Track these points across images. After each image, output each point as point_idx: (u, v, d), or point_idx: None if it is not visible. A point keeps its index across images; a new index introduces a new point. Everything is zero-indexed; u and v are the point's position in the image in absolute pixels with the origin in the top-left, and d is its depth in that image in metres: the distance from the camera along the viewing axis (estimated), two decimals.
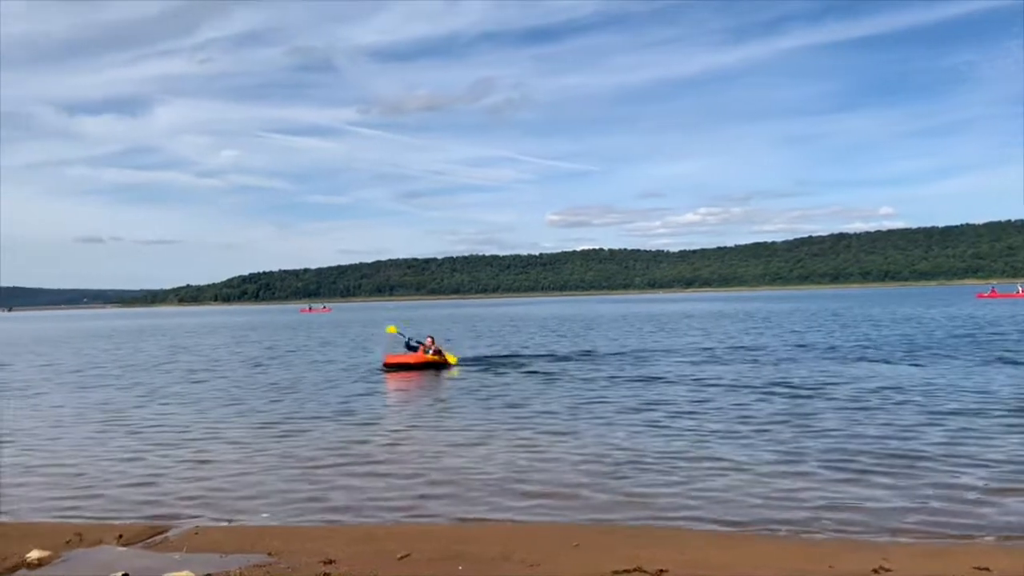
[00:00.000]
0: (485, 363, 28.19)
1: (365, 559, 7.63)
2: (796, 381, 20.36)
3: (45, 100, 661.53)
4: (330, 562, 7.49)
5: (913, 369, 22.57)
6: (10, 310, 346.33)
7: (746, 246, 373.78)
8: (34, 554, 7.75)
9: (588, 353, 31.33)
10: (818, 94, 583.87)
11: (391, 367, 25.93)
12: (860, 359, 25.84)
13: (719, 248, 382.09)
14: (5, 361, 36.97)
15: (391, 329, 29.86)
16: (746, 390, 18.98)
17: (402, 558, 7.65)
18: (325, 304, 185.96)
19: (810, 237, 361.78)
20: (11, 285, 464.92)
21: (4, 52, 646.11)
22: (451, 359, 26.99)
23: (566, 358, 29.39)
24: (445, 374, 24.99)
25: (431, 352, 26.24)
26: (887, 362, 24.66)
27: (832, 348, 30.44)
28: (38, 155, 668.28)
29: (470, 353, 32.07)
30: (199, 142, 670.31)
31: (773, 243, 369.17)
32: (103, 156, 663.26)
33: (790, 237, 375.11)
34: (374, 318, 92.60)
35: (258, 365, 30.65)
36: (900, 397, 17.19)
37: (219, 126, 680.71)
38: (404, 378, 24.12)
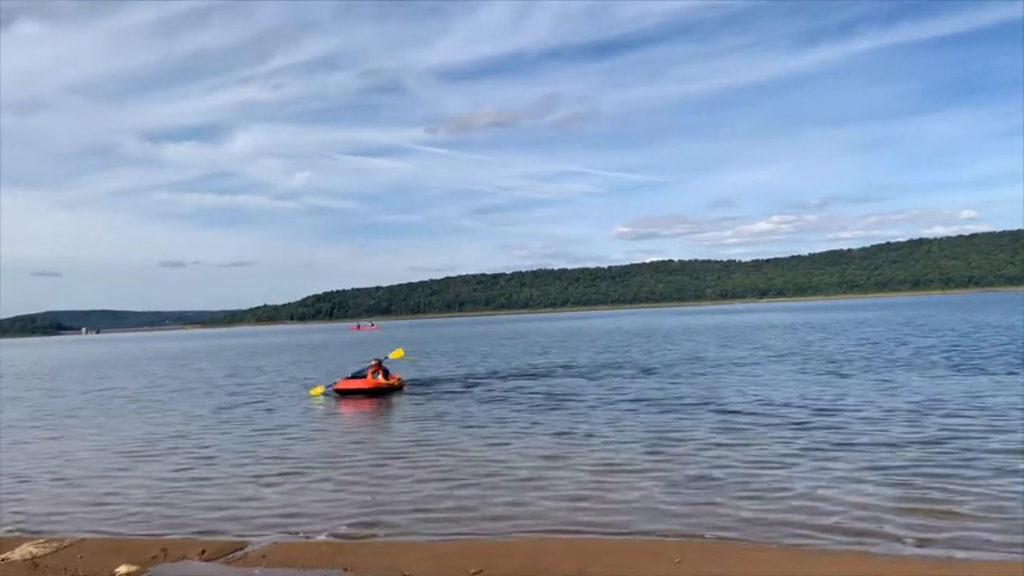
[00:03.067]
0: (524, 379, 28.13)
1: (439, 575, 7.70)
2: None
3: (130, 130, 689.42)
4: None
5: None
6: (98, 332, 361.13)
7: (821, 254, 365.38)
8: (122, 569, 8.04)
9: (649, 370, 30.96)
10: (894, 96, 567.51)
11: (343, 393, 24.87)
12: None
13: (793, 257, 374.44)
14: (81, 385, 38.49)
15: (317, 391, 26.43)
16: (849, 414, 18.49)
17: (475, 574, 7.68)
18: (373, 322, 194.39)
19: (888, 243, 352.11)
20: (101, 309, 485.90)
21: (93, 86, 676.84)
22: (397, 382, 25.96)
23: (615, 371, 29.13)
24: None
25: (378, 376, 25.23)
26: None
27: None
28: (124, 182, 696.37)
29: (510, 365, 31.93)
30: (274, 165, 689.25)
31: (849, 250, 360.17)
32: (185, 181, 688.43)
33: (867, 244, 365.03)
34: (408, 337, 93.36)
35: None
36: None
37: (293, 149, 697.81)
38: (357, 405, 23.08)
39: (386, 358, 27.59)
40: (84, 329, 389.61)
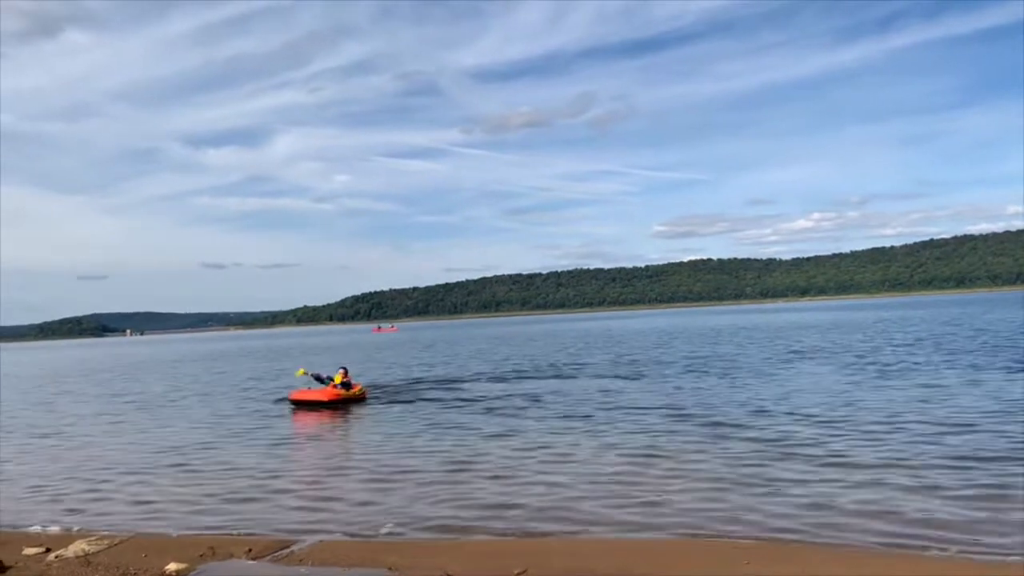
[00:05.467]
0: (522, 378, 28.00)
1: (483, 574, 7.69)
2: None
3: (173, 135, 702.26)
4: None
5: None
6: (142, 334, 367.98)
7: (863, 251, 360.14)
8: (172, 566, 8.15)
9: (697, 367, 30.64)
10: (936, 91, 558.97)
11: (299, 404, 23.29)
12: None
13: (834, 254, 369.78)
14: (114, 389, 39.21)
15: (300, 373, 25.84)
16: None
17: (520, 573, 7.66)
18: (392, 324, 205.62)
19: (931, 240, 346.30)
20: (144, 311, 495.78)
21: (137, 92, 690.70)
22: (359, 391, 24.26)
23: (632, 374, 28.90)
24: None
25: (340, 387, 23.56)
26: None
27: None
28: (167, 187, 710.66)
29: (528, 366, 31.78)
30: (313, 168, 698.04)
31: (892, 247, 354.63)
32: (225, 185, 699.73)
33: (910, 241, 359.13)
34: (424, 337, 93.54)
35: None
36: None
37: (331, 152, 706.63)
38: (314, 417, 21.51)
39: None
40: (128, 331, 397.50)
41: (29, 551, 9.03)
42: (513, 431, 16.72)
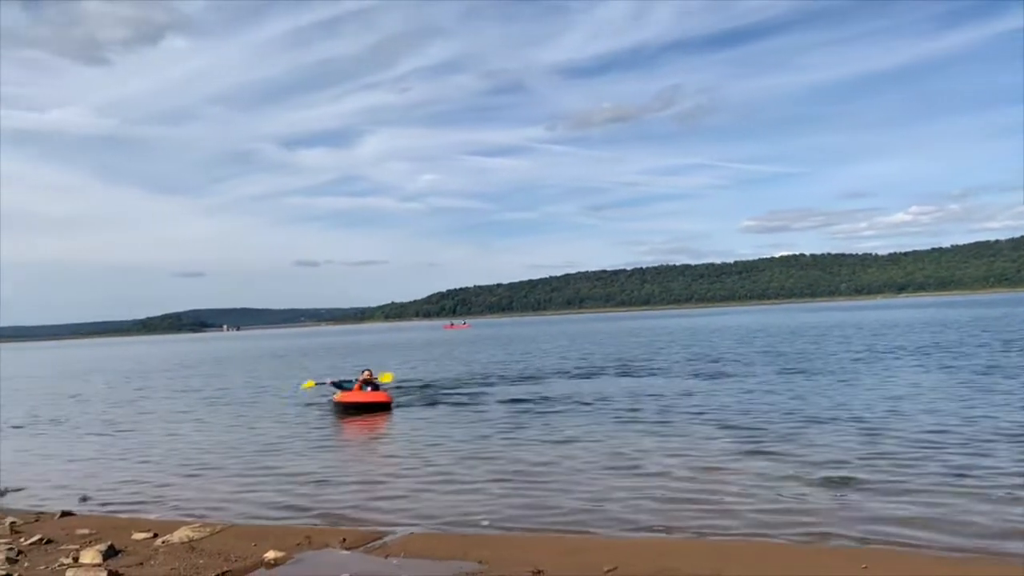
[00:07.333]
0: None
1: (573, 570, 7.67)
2: None
3: (267, 137, 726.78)
4: (538, 572, 7.58)
5: None
6: (239, 329, 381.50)
7: (965, 246, 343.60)
8: (271, 554, 8.41)
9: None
10: None
11: (352, 408, 21.64)
12: None
13: (934, 249, 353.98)
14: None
15: (308, 385, 24.82)
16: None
17: (609, 571, 7.61)
18: (465, 320, 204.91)
19: None
20: (240, 307, 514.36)
21: (233, 96, 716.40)
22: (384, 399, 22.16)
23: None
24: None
25: (368, 389, 22.28)
26: None
27: None
28: (262, 187, 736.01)
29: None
30: (401, 168, 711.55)
31: (996, 241, 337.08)
32: (318, 185, 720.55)
33: (1016, 234, 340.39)
34: (493, 335, 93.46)
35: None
36: None
37: (418, 152, 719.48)
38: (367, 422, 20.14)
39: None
40: (225, 326, 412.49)
41: (138, 536, 9.47)
42: (590, 432, 16.50)
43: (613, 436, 15.62)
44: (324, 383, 24.29)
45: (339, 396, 22.53)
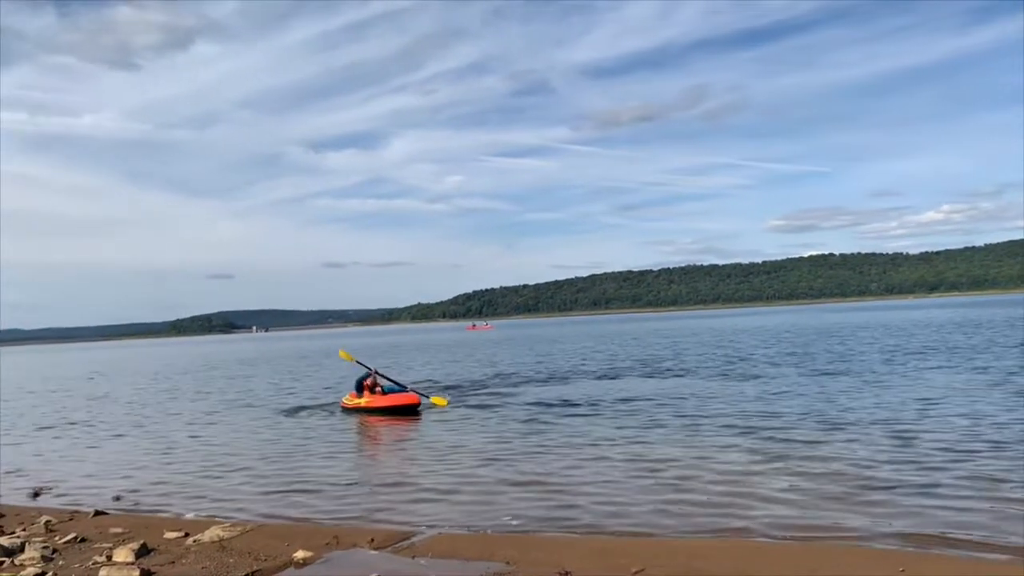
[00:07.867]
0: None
1: (600, 571, 7.65)
2: None
3: (295, 140, 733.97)
4: (566, 573, 7.57)
5: None
6: (267, 330, 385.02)
7: (999, 244, 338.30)
8: (300, 554, 8.48)
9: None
10: None
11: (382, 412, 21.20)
12: None
13: (967, 248, 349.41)
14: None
15: (346, 355, 24.83)
16: None
17: (636, 573, 7.58)
18: (488, 322, 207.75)
19: None
20: (268, 308, 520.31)
21: (261, 100, 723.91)
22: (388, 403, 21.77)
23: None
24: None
25: (376, 391, 21.98)
26: None
27: None
28: (290, 190, 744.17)
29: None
30: (427, 170, 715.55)
31: None
32: (345, 188, 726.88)
33: None
34: (515, 336, 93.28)
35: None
36: None
37: (444, 154, 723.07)
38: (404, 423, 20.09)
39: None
40: (254, 328, 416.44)
41: (170, 535, 9.60)
42: (615, 435, 16.43)
43: (638, 438, 15.55)
44: (358, 362, 24.43)
45: (367, 401, 21.93)
